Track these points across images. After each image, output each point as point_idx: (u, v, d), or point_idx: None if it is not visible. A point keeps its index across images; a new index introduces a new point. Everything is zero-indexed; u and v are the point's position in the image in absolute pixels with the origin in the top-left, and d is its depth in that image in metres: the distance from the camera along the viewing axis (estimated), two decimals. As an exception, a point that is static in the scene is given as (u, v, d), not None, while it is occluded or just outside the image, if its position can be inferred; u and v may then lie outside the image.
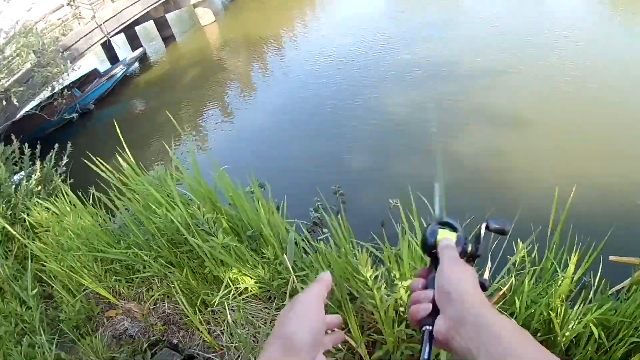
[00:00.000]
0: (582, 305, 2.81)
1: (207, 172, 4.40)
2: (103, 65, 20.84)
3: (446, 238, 1.09)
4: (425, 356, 0.94)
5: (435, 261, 1.08)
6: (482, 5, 21.24)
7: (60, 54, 15.58)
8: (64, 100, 15.60)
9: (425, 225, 1.16)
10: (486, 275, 3.20)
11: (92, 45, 18.03)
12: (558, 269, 3.18)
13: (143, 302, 3.88)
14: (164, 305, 3.79)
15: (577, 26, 17.37)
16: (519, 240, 3.39)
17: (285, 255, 3.04)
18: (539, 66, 14.19)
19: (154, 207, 3.58)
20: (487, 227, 1.11)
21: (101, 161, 4.09)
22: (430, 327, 0.96)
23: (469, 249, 1.09)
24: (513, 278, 3.09)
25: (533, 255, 3.31)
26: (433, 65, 14.75)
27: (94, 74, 18.31)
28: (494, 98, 12.61)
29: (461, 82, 13.48)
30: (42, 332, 3.64)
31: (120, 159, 4.13)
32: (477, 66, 14.41)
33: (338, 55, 16.89)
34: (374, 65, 15.61)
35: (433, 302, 0.99)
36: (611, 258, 3.98)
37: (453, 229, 1.13)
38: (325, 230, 4.31)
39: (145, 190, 3.84)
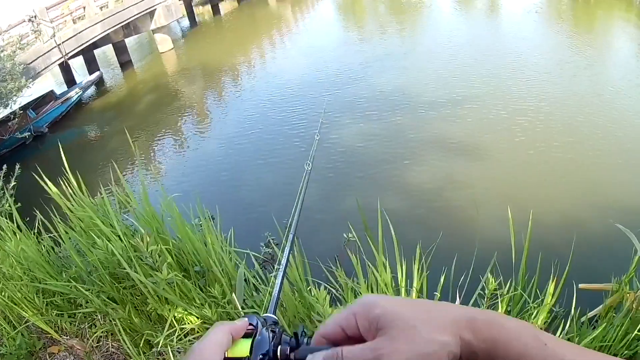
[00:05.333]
0: (560, 336, 2.70)
1: (158, 200, 4.19)
2: (60, 87, 20.41)
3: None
4: None
5: None
6: (441, 36, 21.66)
7: (18, 69, 15.15)
8: (17, 120, 15.16)
9: None
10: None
11: (50, 65, 17.65)
12: (529, 300, 3.19)
13: (86, 339, 3.62)
14: (108, 344, 3.54)
15: (533, 56, 17.80)
16: (488, 273, 3.29)
17: (234, 295, 2.85)
18: (496, 96, 14.40)
19: (95, 236, 3.34)
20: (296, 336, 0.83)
21: (49, 184, 3.90)
22: None
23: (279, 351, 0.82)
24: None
25: (505, 287, 3.25)
26: (389, 96, 14.86)
27: (50, 96, 17.85)
28: (449, 128, 12.73)
29: (416, 112, 13.59)
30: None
31: (63, 184, 3.92)
32: (433, 96, 14.55)
33: (295, 86, 16.93)
34: (331, 95, 15.63)
35: None
36: (581, 286, 3.90)
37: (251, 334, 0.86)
38: (277, 265, 4.12)
39: (88, 218, 3.61)
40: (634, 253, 3.98)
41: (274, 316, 1.02)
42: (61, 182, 4.00)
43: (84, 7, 19.08)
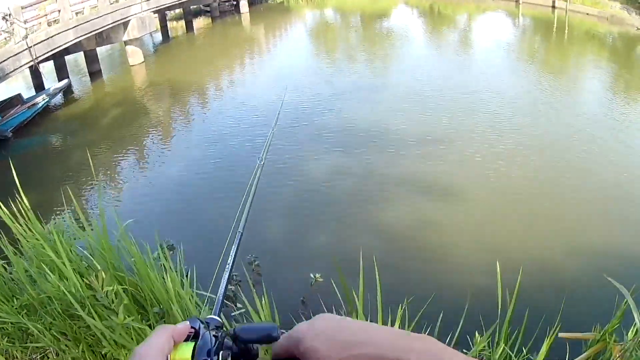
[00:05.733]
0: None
1: (115, 226, 3.96)
2: (29, 91, 19.90)
3: None
4: None
5: None
6: (412, 71, 21.84)
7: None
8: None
9: None
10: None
11: (20, 68, 17.13)
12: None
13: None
14: (61, 381, 3.28)
15: (508, 94, 18.04)
16: (476, 334, 3.21)
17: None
18: (471, 135, 14.43)
19: (46, 269, 3.09)
20: (235, 338, 0.86)
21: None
22: None
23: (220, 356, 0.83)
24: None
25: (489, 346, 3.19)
26: (359, 132, 14.74)
27: (17, 100, 17.34)
28: (424, 168, 12.62)
29: (387, 150, 13.46)
30: None
31: (15, 205, 3.69)
32: (406, 134, 14.49)
33: (262, 112, 16.72)
34: (299, 126, 15.51)
35: None
36: (561, 335, 3.83)
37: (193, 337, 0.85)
38: (239, 305, 3.89)
39: (40, 245, 3.36)
40: (617, 303, 3.93)
41: (218, 318, 0.99)
42: (13, 203, 3.77)
43: (59, 11, 18.70)
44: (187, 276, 3.60)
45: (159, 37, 28.95)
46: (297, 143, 14.05)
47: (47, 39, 17.83)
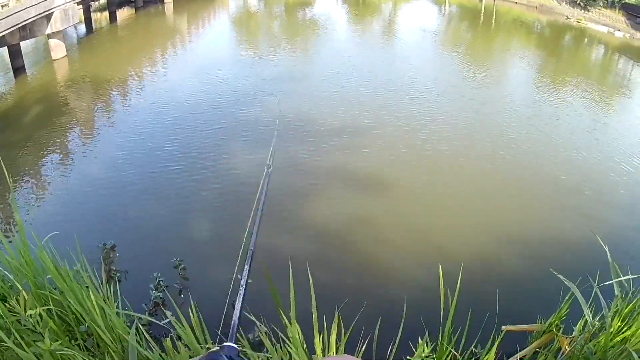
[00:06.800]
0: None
1: (41, 234, 3.85)
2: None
3: None
4: None
5: None
6: (336, 59, 22.02)
7: None
8: None
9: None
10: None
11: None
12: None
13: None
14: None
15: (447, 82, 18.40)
16: (419, 339, 3.25)
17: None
18: (397, 125, 14.61)
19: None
20: None
21: None
22: None
23: None
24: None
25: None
26: (287, 122, 14.71)
27: None
28: (355, 159, 12.66)
29: (319, 140, 13.47)
30: None
31: None
32: (335, 124, 14.55)
33: (187, 106, 16.77)
34: (226, 118, 15.56)
35: None
36: (504, 327, 3.94)
37: None
38: (169, 312, 3.87)
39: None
40: (562, 296, 4.07)
41: (234, 346, 1.03)
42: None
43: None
44: (110, 289, 3.53)
45: (83, 29, 28.07)
46: (223, 137, 14.10)
47: (-32, 35, 17.06)
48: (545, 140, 14.38)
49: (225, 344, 1.06)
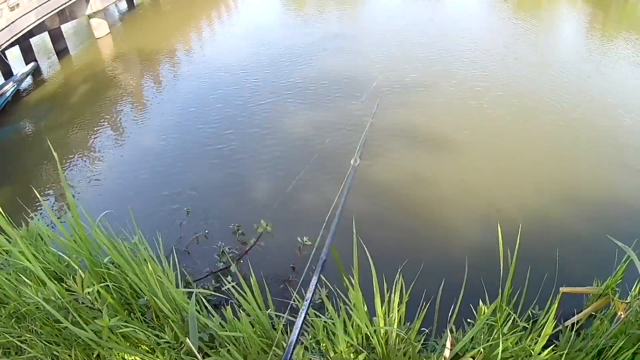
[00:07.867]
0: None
1: (95, 213, 3.84)
2: (-2, 79, 19.41)
3: None
4: None
5: None
6: (395, 18, 21.56)
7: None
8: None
9: None
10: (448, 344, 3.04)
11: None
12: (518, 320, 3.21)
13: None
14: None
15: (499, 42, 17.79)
16: (481, 302, 3.18)
17: (188, 339, 2.56)
18: (461, 83, 14.21)
19: (24, 278, 3.00)
20: None
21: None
22: None
23: None
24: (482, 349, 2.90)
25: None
26: (341, 81, 14.51)
27: (-15, 91, 16.87)
28: (413, 117, 12.39)
29: (375, 99, 13.18)
30: None
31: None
32: (392, 82, 14.26)
33: (238, 72, 16.63)
34: (278, 83, 15.35)
35: None
36: (562, 289, 3.89)
37: None
38: (229, 279, 3.82)
39: (14, 253, 3.23)
40: (617, 259, 3.93)
41: None
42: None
43: (18, -6, 18.10)
44: (169, 261, 3.51)
45: (124, 6, 28.08)
46: (276, 101, 14.01)
47: (9, 25, 17.30)
48: (615, 102, 13.47)
49: None
